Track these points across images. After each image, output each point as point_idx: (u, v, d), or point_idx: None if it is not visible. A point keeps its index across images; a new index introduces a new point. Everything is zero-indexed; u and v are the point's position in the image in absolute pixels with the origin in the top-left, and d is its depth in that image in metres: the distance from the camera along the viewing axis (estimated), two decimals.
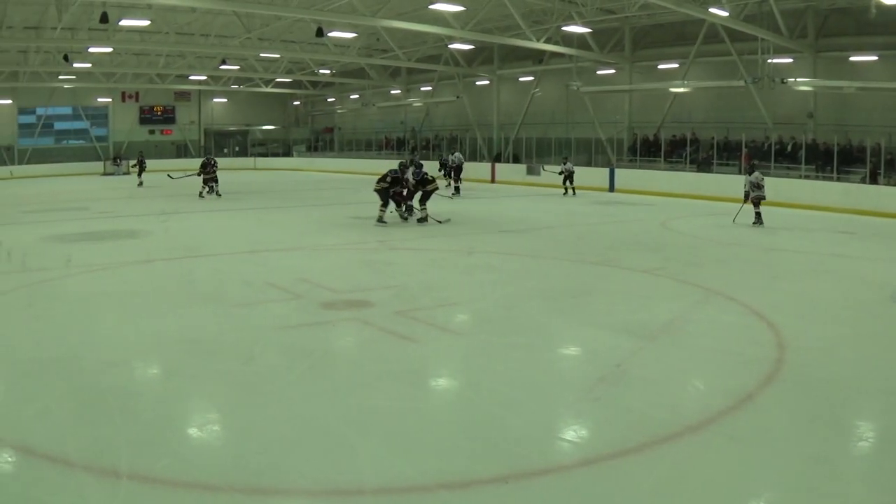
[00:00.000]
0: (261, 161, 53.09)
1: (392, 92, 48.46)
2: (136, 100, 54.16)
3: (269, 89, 50.60)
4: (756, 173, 18.15)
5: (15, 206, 24.12)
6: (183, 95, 55.21)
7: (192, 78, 48.15)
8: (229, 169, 48.23)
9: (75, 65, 38.81)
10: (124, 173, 42.58)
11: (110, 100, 52.86)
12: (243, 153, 55.74)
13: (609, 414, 6.09)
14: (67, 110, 52.86)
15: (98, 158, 49.28)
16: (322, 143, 54.30)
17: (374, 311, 9.17)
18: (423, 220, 18.40)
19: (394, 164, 19.53)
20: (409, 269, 12.32)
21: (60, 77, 45.69)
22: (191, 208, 22.94)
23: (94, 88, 49.66)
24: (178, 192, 28.14)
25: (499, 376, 6.93)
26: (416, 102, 46.35)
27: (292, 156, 54.22)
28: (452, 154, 29.05)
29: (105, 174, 41.62)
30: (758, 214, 18.05)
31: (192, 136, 56.16)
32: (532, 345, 7.90)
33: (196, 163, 30.74)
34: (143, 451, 5.32)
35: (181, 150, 55.17)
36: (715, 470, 5.11)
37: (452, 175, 28.80)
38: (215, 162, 27.26)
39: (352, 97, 53.16)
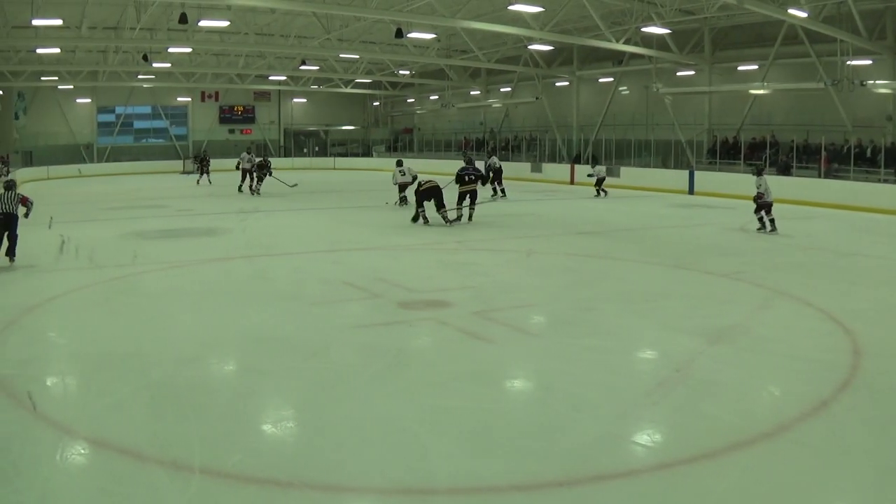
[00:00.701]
0: (340, 161, 53.53)
1: (471, 93, 48.49)
2: (216, 99, 55.00)
3: (348, 90, 50.96)
4: (760, 177, 17.64)
5: (94, 204, 24.72)
6: (263, 95, 55.92)
7: (271, 78, 48.75)
8: (309, 169, 48.94)
9: (155, 64, 39.54)
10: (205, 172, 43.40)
11: (190, 99, 53.78)
12: (323, 153, 56.26)
13: (682, 418, 5.98)
14: (147, 109, 53.91)
15: (177, 157, 50.25)
16: (401, 143, 54.51)
17: (450, 312, 9.13)
18: (454, 220, 18.52)
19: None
20: (486, 270, 12.24)
21: (140, 77, 46.60)
22: (270, 207, 23.22)
23: (174, 88, 50.58)
24: (264, 193, 28.56)
25: (573, 378, 6.84)
26: (496, 103, 46.29)
27: (372, 156, 54.55)
28: (489, 158, 28.87)
29: (184, 173, 42.37)
30: (771, 221, 17.40)
31: (272, 136, 56.88)
32: (607, 347, 7.78)
33: (281, 163, 31.37)
34: (216, 446, 5.35)
35: (261, 150, 55.86)
36: (787, 477, 4.96)
37: (493, 179, 28.33)
38: (269, 163, 28.32)
39: (431, 98, 53.30)
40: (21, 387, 6.54)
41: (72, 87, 46.99)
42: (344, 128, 59.28)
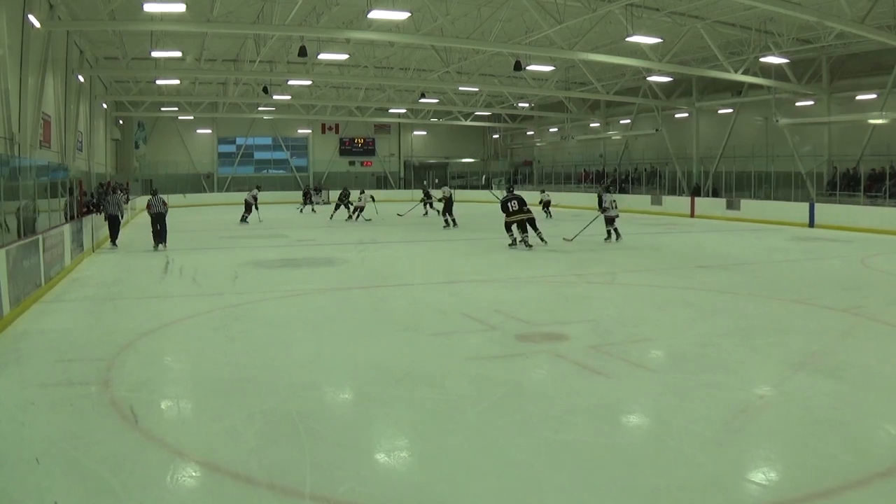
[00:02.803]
0: (459, 193, 53.76)
1: (591, 125, 48.28)
2: (336, 131, 56.15)
3: (468, 122, 51.44)
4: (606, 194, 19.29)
5: (216, 232, 25.43)
6: (383, 128, 56.85)
7: (391, 111, 49.53)
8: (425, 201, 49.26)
9: (275, 97, 40.69)
10: (324, 202, 44.41)
11: (310, 131, 55.07)
12: (443, 185, 56.74)
13: (798, 457, 5.77)
14: (267, 140, 55.38)
15: (298, 187, 51.28)
16: (521, 175, 54.53)
17: (568, 345, 9.02)
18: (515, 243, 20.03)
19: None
20: (605, 304, 12.11)
21: (259, 108, 47.95)
22: (388, 238, 23.52)
23: (294, 120, 51.87)
24: (376, 223, 28.94)
25: (690, 415, 6.64)
26: (615, 135, 45.98)
27: (491, 188, 54.59)
28: (442, 189, 29.42)
29: (305, 204, 43.38)
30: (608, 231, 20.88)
31: (392, 168, 57.65)
32: (724, 383, 7.54)
33: (401, 195, 32.19)
34: (328, 474, 5.36)
35: (381, 182, 56.68)
36: None
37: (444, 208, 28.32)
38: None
39: (551, 130, 53.31)
40: (136, 409, 6.71)
41: (192, 117, 48.53)
42: (464, 160, 59.70)
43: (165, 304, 12.12)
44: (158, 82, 37.98)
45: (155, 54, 27.41)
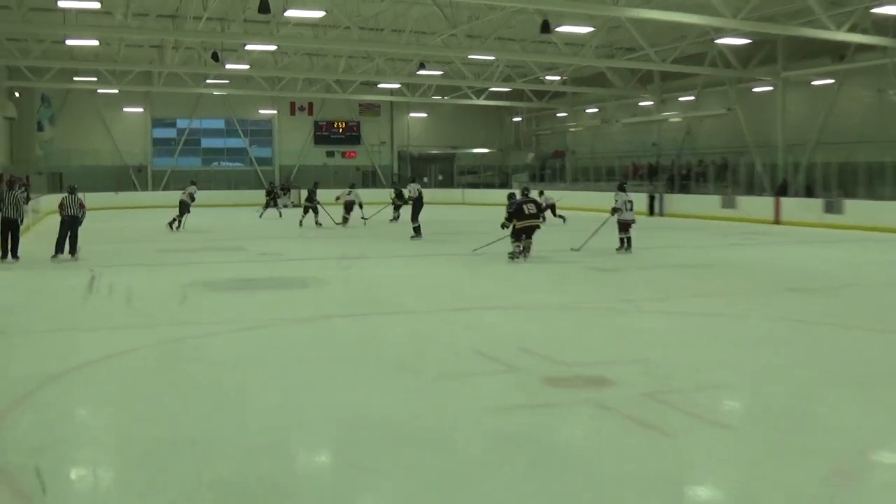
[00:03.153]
0: (470, 193, 54.05)
1: (641, 104, 48.34)
2: (310, 112, 56.29)
3: (481, 101, 51.52)
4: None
5: (150, 243, 25.44)
6: (370, 108, 56.98)
7: (381, 86, 49.60)
8: (430, 203, 49.16)
9: (228, 66, 40.42)
10: (294, 205, 44.15)
11: (275, 112, 55.16)
12: (448, 183, 56.90)
13: None
14: (219, 124, 55.49)
15: (259, 186, 51.24)
16: (550, 170, 54.59)
17: (614, 393, 9.00)
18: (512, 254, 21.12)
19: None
20: (661, 338, 12.12)
21: (208, 81, 47.88)
22: (379, 252, 23.65)
23: (254, 97, 51.88)
24: (365, 232, 28.96)
25: (781, 490, 6.55)
26: (674, 117, 46.05)
27: (511, 187, 54.67)
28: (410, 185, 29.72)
29: (269, 206, 43.36)
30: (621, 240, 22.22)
31: (383, 161, 57.66)
32: (829, 449, 7.44)
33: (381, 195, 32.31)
34: None
35: (368, 179, 56.67)
36: None
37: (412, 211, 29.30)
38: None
39: (588, 111, 53.38)
40: (32, 481, 6.60)
41: (117, 91, 48.47)
42: (475, 151, 59.76)
43: (82, 338, 12.12)
44: (70, 42, 37.31)
45: (63, 3, 27.13)
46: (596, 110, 52.54)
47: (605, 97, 48.99)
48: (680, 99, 46.25)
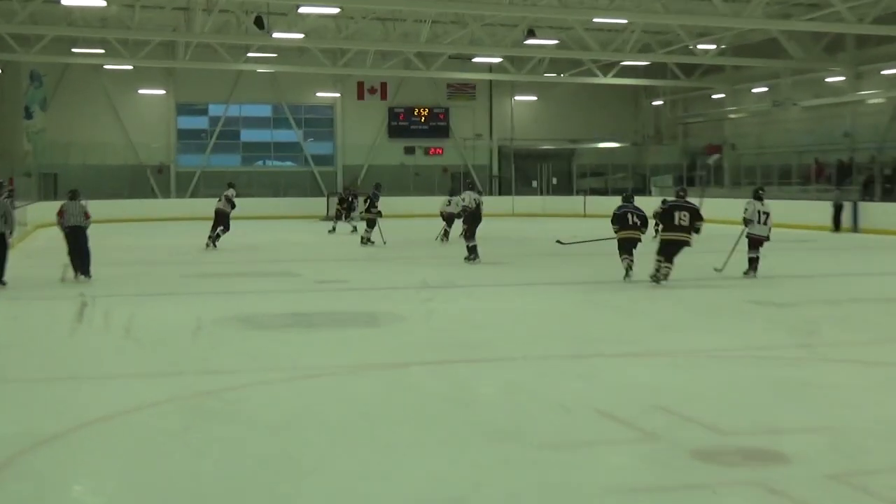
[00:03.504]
0: (595, 202, 53.56)
1: (828, 80, 47.79)
2: (383, 96, 56.31)
3: (609, 79, 51.31)
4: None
5: (173, 266, 25.68)
6: (462, 90, 56.96)
7: (477, 61, 49.56)
8: (540, 215, 49.24)
9: (276, 34, 40.19)
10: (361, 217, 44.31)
11: (338, 95, 55.17)
12: (564, 188, 56.70)
13: None
14: (264, 111, 55.75)
15: (317, 192, 51.24)
16: (704, 170, 54.01)
17: (788, 472, 8.82)
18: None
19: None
20: (853, 398, 11.89)
21: (250, 55, 47.98)
22: (471, 279, 23.74)
23: (310, 76, 52.03)
24: (447, 253, 28.99)
25: None
26: (873, 97, 45.51)
27: (649, 194, 54.28)
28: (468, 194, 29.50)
29: (329, 218, 43.39)
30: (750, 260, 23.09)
31: (479, 160, 57.41)
32: None
33: (493, 205, 32.40)
34: None
35: (457, 184, 56.46)
36: None
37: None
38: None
39: (754, 91, 52.94)
40: None
41: (130, 67, 48.80)
42: (601, 146, 59.53)
43: (85, 389, 12.21)
44: (67, 2, 37.16)
45: None
46: (765, 90, 52.08)
47: (779, 72, 48.54)
48: (883, 72, 45.63)
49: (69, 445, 9.74)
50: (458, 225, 30.90)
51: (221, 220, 31.06)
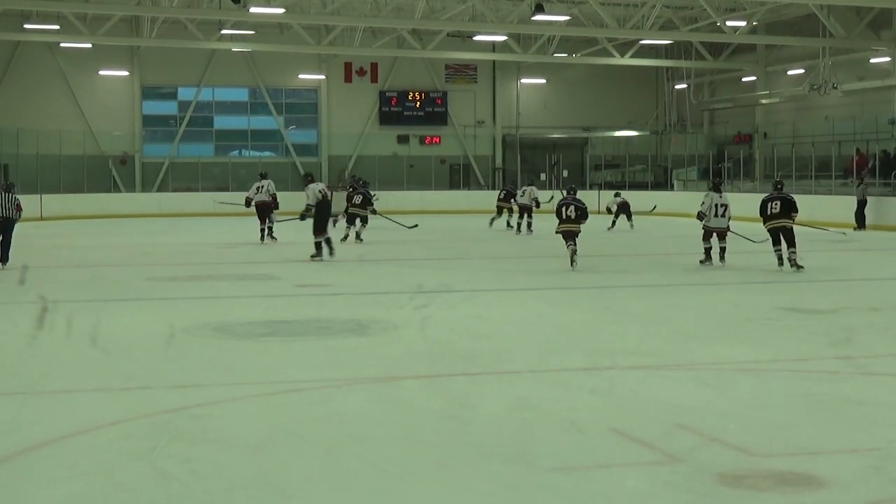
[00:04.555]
0: (611, 197, 53.52)
1: (873, 61, 47.89)
2: (373, 79, 56.40)
3: (627, 60, 51.39)
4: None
5: (141, 268, 25.72)
6: (462, 72, 57.00)
7: (479, 38, 49.65)
8: (549, 212, 49.18)
9: (254, 9, 40.35)
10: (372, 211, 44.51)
11: (323, 77, 55.24)
12: (577, 182, 56.43)
13: None
14: (240, 95, 55.82)
15: (298, 186, 51.12)
16: (733, 163, 53.87)
17: (825, 498, 8.77)
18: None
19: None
20: None
21: (224, 32, 48.10)
22: (471, 282, 23.80)
23: (292, 56, 52.10)
24: (444, 255, 28.99)
25: None
26: None
27: (671, 188, 54.28)
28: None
29: (304, 216, 43.45)
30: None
31: (481, 150, 57.42)
32: None
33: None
34: None
35: (457, 176, 56.51)
36: None
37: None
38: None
39: (790, 73, 52.97)
40: None
41: (89, 45, 48.85)
42: (618, 134, 59.55)
43: (35, 406, 12.18)
44: None
45: None
46: (801, 72, 52.08)
47: (817, 52, 48.55)
48: None
49: (17, 470, 9.65)
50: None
51: (266, 213, 31.47)
